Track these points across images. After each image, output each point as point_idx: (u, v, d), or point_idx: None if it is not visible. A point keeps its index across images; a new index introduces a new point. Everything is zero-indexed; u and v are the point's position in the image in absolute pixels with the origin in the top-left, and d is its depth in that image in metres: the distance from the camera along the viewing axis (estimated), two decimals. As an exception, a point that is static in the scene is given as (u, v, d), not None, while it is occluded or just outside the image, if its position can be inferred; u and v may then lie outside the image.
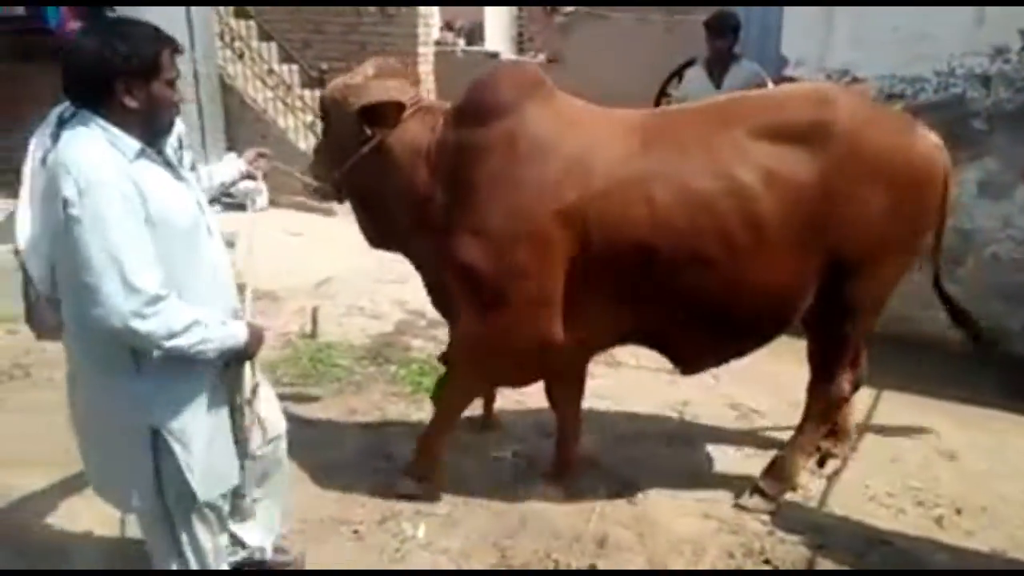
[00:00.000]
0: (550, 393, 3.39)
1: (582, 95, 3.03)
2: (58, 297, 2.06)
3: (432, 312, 3.56)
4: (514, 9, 13.80)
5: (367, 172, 2.94)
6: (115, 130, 1.91)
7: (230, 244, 5.04)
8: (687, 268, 2.73)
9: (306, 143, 7.60)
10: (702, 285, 2.76)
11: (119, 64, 1.89)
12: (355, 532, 2.97)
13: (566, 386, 3.32)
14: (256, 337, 2.13)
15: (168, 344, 1.89)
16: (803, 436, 3.20)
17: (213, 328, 1.97)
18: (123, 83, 1.91)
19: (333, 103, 3.01)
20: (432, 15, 8.94)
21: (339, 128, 3.00)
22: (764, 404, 4.00)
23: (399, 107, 2.90)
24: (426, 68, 8.66)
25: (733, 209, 2.68)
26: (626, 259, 2.73)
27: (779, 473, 3.20)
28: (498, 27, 13.91)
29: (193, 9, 6.20)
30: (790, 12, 5.02)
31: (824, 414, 3.19)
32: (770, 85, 5.14)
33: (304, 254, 6.35)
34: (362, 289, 5.64)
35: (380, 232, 3.17)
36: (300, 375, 4.30)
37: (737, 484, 3.30)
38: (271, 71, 7.81)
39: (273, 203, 7.69)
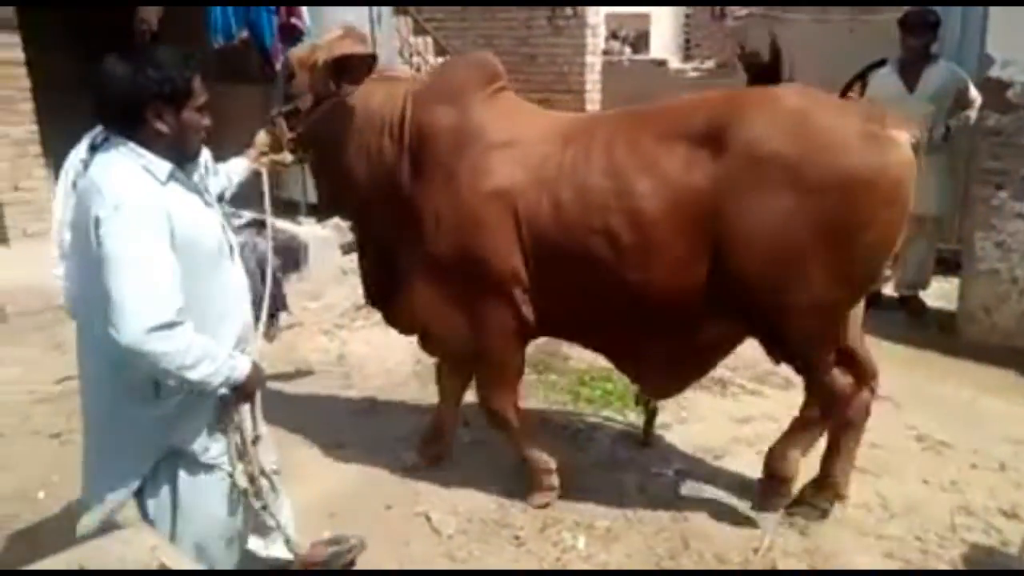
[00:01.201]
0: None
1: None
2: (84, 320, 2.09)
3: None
4: (680, 16, 13.60)
5: (330, 131, 2.99)
6: (148, 154, 1.96)
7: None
8: (589, 267, 2.77)
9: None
10: (603, 285, 2.79)
11: (151, 90, 1.94)
12: (516, 538, 2.99)
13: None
14: (257, 375, 2.13)
15: (180, 373, 1.89)
16: (836, 446, 3.01)
17: (220, 361, 1.97)
18: (154, 109, 1.95)
19: (299, 61, 3.04)
20: (599, 25, 8.95)
21: (303, 87, 3.02)
22: (953, 436, 3.65)
23: (366, 62, 3.00)
24: (593, 78, 8.67)
25: (622, 210, 2.69)
26: (543, 255, 2.83)
27: (827, 484, 3.03)
28: (664, 35, 13.75)
29: (377, 25, 6.55)
30: (997, 8, 4.57)
31: (826, 407, 2.90)
32: (972, 90, 4.73)
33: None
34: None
35: (334, 197, 3.26)
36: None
37: (921, 522, 3.03)
38: (444, 84, 8.11)
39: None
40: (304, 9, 5.62)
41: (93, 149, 2.12)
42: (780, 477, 3.04)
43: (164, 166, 1.98)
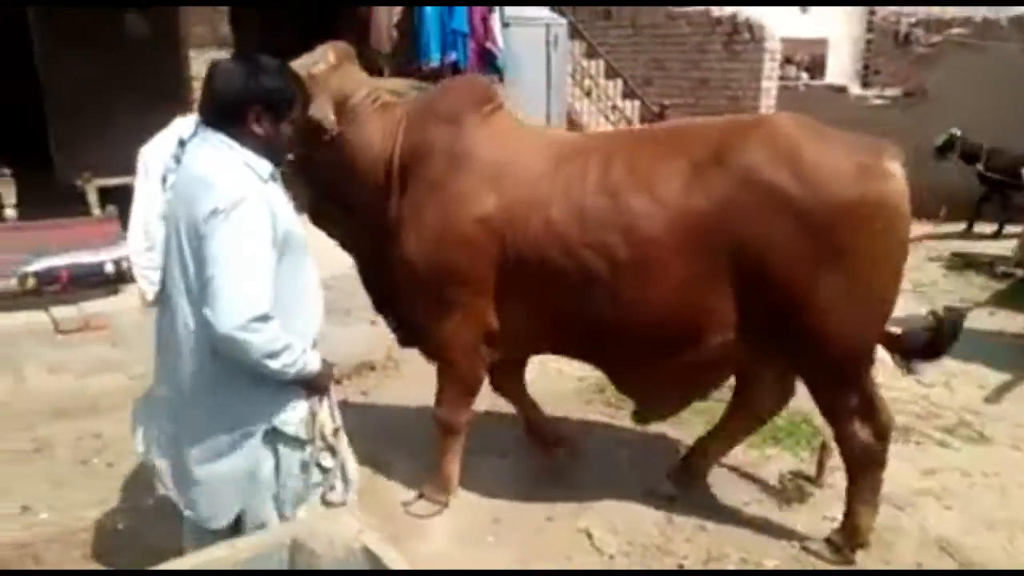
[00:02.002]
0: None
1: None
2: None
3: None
4: (860, 41, 12.98)
5: (324, 163, 2.97)
6: (247, 152, 2.01)
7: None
8: (581, 286, 2.78)
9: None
10: (597, 302, 2.79)
11: (260, 94, 2.01)
12: (680, 567, 2.91)
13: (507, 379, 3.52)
14: (327, 372, 2.16)
15: (263, 361, 1.94)
16: (853, 492, 2.92)
17: (297, 355, 2.01)
18: (255, 112, 2.01)
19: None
20: (777, 49, 8.69)
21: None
22: None
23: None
24: (768, 103, 8.42)
25: (618, 230, 2.70)
26: (533, 274, 2.84)
27: (850, 530, 2.94)
28: (841, 60, 13.17)
29: (553, 48, 6.69)
30: None
31: (860, 465, 2.87)
32: None
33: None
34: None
35: (325, 213, 3.21)
36: (622, 397, 4.35)
37: None
38: (614, 107, 8.15)
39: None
40: (498, 34, 5.84)
41: (181, 145, 2.10)
42: (860, 540, 2.94)
43: (265, 165, 2.04)
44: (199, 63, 5.80)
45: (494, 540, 3.10)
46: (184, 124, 2.16)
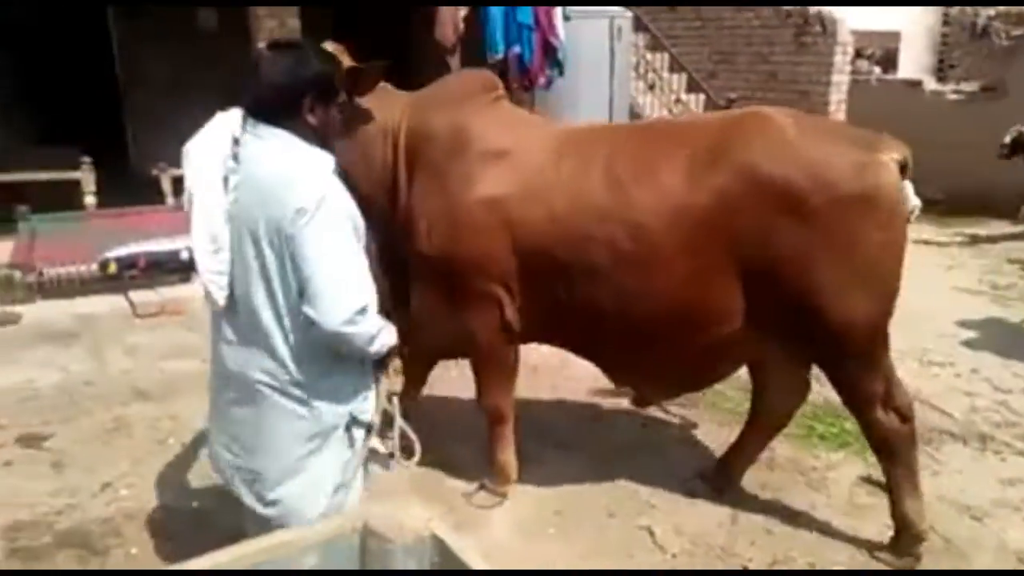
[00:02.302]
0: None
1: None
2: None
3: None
4: (935, 34, 12.51)
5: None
6: (310, 146, 1.96)
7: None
8: (585, 277, 2.81)
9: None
10: (598, 292, 2.82)
11: (312, 80, 1.96)
12: (744, 568, 2.86)
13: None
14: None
15: (365, 348, 1.97)
16: (892, 481, 2.90)
17: (386, 332, 2.03)
18: (310, 100, 1.96)
19: None
20: (849, 42, 8.43)
21: None
22: None
23: (376, 75, 2.90)
24: (838, 97, 8.19)
25: (620, 221, 2.71)
26: (535, 263, 2.87)
27: (902, 525, 2.88)
28: (914, 53, 12.71)
29: (617, 40, 6.61)
30: None
31: (891, 450, 2.87)
32: None
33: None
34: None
35: None
36: (688, 397, 4.30)
37: None
38: (678, 100, 8.04)
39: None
40: (560, 28, 5.81)
41: (236, 142, 2.00)
42: (916, 531, 2.88)
43: (328, 156, 1.99)
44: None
45: (555, 532, 3.10)
46: (228, 119, 2.07)
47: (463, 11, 5.60)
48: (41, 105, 7.58)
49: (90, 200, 6.21)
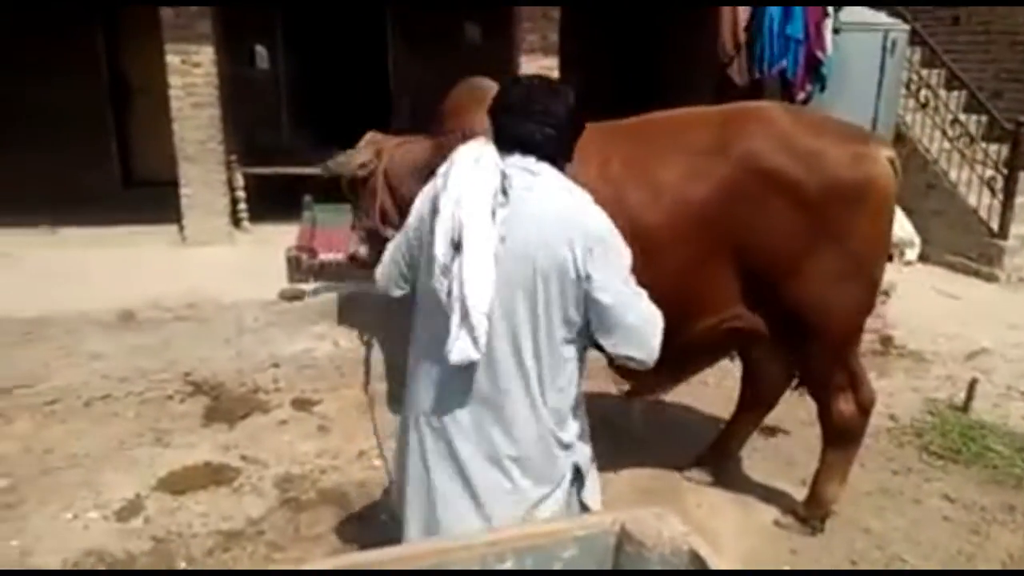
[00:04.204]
0: None
1: None
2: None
3: None
4: None
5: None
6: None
7: (884, 294, 4.96)
8: None
9: (977, 198, 6.92)
10: None
11: (580, 119, 1.98)
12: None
13: None
14: None
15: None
16: (826, 462, 3.15)
17: None
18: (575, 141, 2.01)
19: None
20: None
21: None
22: None
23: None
24: None
25: (625, 219, 2.45)
26: None
27: (814, 500, 3.18)
28: None
29: (889, 55, 6.15)
30: None
31: (841, 438, 3.09)
32: None
33: (958, 319, 5.79)
34: (1024, 371, 4.89)
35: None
36: (947, 448, 3.93)
37: None
38: (955, 120, 7.30)
39: (922, 258, 7.25)
40: (829, 40, 5.53)
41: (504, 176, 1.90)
42: (824, 511, 3.16)
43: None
44: (529, 68, 6.20)
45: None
46: (481, 152, 1.94)
47: (743, 20, 5.46)
48: (325, 111, 8.50)
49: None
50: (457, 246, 1.84)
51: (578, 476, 2.11)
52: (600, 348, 2.02)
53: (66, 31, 7.73)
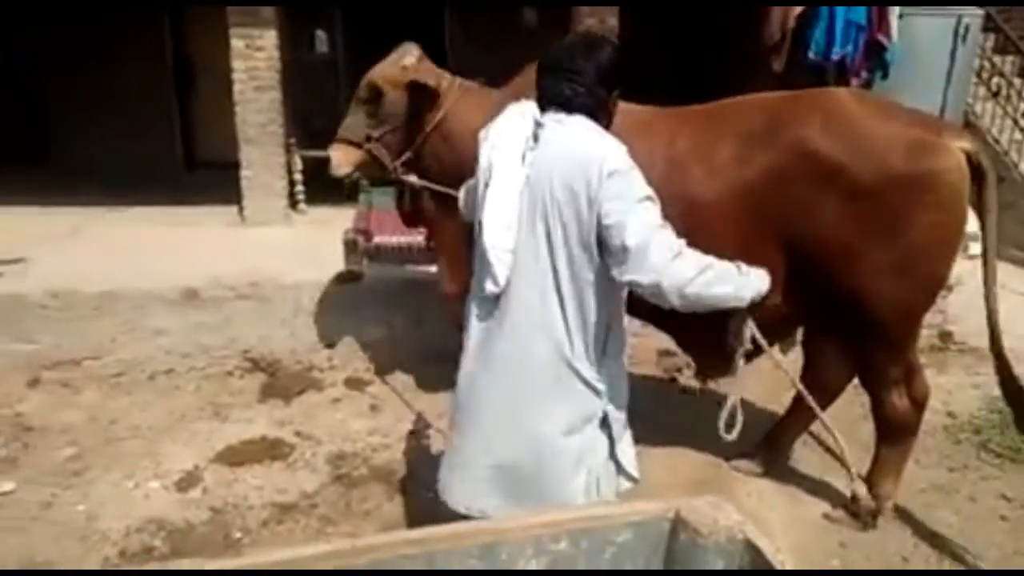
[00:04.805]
0: None
1: None
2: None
3: None
4: None
5: (446, 151, 3.21)
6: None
7: (947, 288, 4.81)
8: None
9: (1049, 192, 6.66)
10: None
11: (621, 74, 2.06)
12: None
13: None
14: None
15: (698, 290, 2.00)
16: (879, 458, 3.11)
17: (740, 276, 2.18)
18: (616, 93, 2.09)
19: (391, 82, 3.26)
20: None
21: (396, 108, 3.29)
22: None
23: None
24: None
25: (682, 200, 2.62)
26: None
27: (874, 493, 3.08)
28: None
29: (961, 41, 5.93)
30: None
31: (894, 433, 3.04)
32: None
33: (1023, 316, 5.59)
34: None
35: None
36: (1006, 447, 3.81)
37: None
38: (1029, 111, 7.02)
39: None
40: (894, 24, 5.35)
41: (537, 124, 2.04)
42: (881, 505, 3.09)
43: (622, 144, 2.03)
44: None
45: (839, 564, 2.92)
46: (524, 108, 2.10)
47: (797, 9, 5.34)
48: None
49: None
50: (487, 186, 2.03)
51: (605, 425, 2.14)
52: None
53: (133, 15, 7.94)
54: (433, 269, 4.61)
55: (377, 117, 3.37)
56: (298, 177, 6.62)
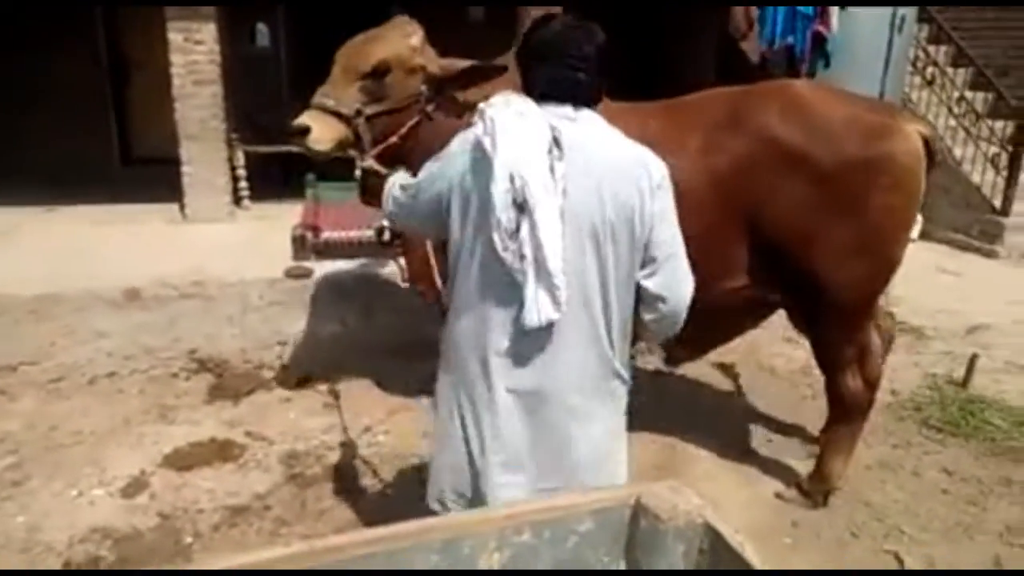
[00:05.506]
0: None
1: None
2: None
3: None
4: None
5: (423, 146, 2.69)
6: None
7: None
8: None
9: (980, 176, 6.91)
10: None
11: (609, 60, 1.87)
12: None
13: None
14: None
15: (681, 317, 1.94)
16: (831, 438, 3.18)
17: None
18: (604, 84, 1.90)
19: (398, 60, 2.93)
20: None
21: (398, 89, 2.94)
22: None
23: (493, 73, 2.82)
24: None
25: None
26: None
27: (819, 475, 3.19)
28: None
29: (897, 32, 6.09)
30: None
31: (847, 413, 3.12)
32: None
33: (959, 295, 5.80)
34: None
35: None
36: (947, 422, 3.94)
37: None
38: (961, 98, 7.26)
39: (924, 236, 7.23)
40: (834, 17, 5.48)
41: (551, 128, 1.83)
42: (829, 486, 3.16)
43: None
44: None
45: (791, 543, 2.99)
46: (519, 104, 1.84)
47: (753, 3, 5.47)
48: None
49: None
50: (521, 208, 1.75)
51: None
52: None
53: (64, 10, 7.65)
54: (387, 267, 4.60)
55: (374, 94, 3.00)
56: (242, 173, 6.48)
